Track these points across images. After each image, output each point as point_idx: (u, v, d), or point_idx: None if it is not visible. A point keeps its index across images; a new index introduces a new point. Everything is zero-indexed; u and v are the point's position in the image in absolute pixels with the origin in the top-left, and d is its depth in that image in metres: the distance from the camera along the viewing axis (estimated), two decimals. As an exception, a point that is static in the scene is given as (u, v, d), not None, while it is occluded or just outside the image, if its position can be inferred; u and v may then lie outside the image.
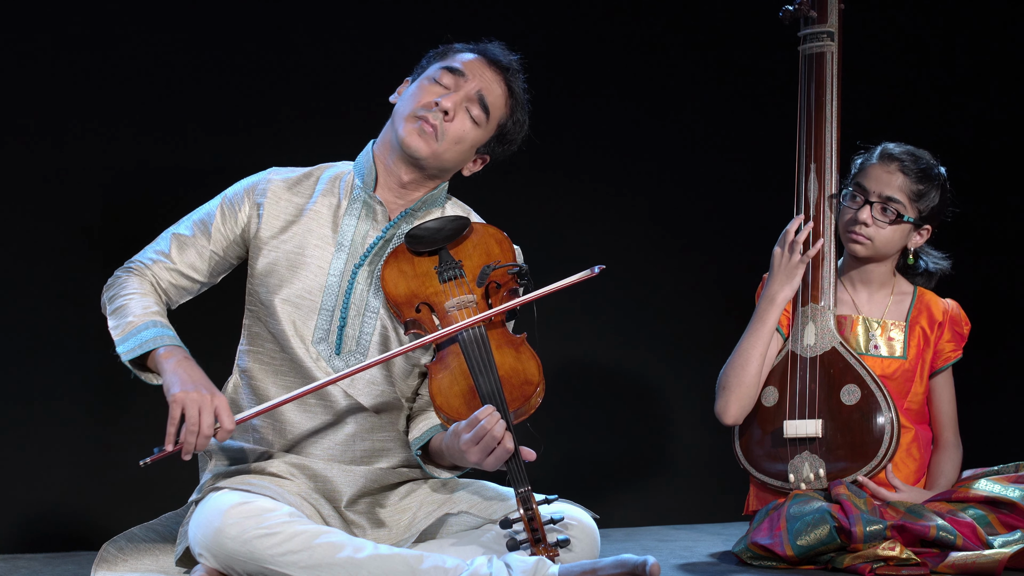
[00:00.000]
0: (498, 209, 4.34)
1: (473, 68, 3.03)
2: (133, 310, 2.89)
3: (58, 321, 3.84)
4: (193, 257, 3.00)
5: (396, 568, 2.67)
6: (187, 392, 2.74)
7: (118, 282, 2.97)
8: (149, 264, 2.99)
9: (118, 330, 2.88)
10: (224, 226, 3.00)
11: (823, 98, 3.52)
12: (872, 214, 3.45)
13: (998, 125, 4.88)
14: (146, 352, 2.85)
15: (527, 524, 2.72)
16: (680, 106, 4.63)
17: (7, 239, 3.82)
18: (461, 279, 2.95)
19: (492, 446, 2.75)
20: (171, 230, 3.03)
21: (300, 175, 3.07)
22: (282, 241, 2.98)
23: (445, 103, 2.97)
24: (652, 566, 2.66)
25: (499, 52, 3.08)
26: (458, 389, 2.84)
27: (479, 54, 3.06)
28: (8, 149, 3.82)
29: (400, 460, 3.00)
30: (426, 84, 3.02)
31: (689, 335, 4.59)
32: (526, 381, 2.83)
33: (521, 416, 2.82)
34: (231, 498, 2.75)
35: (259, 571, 2.68)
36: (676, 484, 4.56)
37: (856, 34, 3.71)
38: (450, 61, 3.04)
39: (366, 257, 2.98)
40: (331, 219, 3.01)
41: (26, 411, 3.80)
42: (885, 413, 3.37)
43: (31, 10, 3.83)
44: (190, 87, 3.98)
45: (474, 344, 2.86)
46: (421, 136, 2.98)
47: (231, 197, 3.03)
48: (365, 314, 2.97)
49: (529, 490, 2.72)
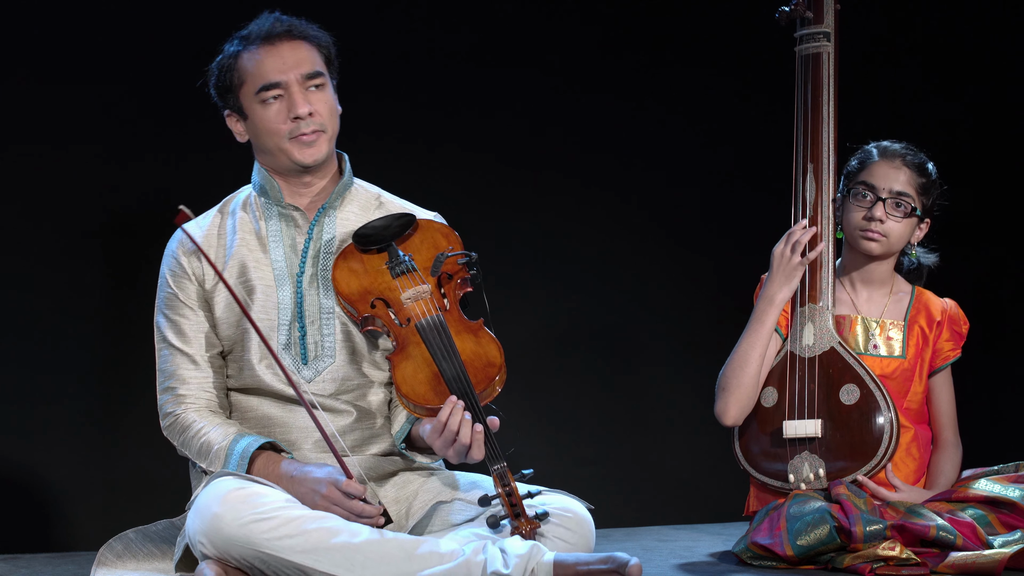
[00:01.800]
0: (498, 209, 4.35)
1: (276, 65, 2.98)
2: (215, 440, 2.92)
3: (58, 322, 3.85)
4: (200, 340, 2.99)
5: (392, 552, 2.69)
6: (315, 503, 2.79)
7: (179, 424, 2.97)
8: (187, 390, 2.98)
9: (215, 464, 2.91)
10: (190, 292, 3.00)
11: (820, 99, 3.52)
12: (887, 210, 3.46)
13: (997, 125, 4.87)
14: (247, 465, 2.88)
15: (506, 499, 2.76)
16: (678, 107, 4.63)
17: (8, 240, 3.83)
18: (413, 272, 2.97)
19: (464, 448, 2.79)
20: (160, 347, 3.01)
21: (209, 224, 3.06)
22: (224, 288, 2.97)
23: (300, 110, 2.96)
24: (632, 566, 2.68)
25: (273, 25, 3.00)
26: (422, 376, 2.87)
27: (266, 43, 2.98)
28: (10, 151, 3.83)
29: (390, 445, 3.03)
30: (263, 111, 2.99)
31: (688, 335, 4.59)
32: (489, 363, 2.88)
33: (487, 398, 2.86)
34: (229, 484, 2.77)
35: (255, 556, 2.69)
36: (676, 484, 4.56)
37: (852, 34, 3.71)
38: (255, 80, 2.97)
39: (304, 262, 3.00)
40: (257, 243, 3.02)
41: (26, 411, 3.80)
42: (884, 413, 3.37)
43: (32, 9, 3.84)
44: (191, 86, 3.99)
45: (434, 331, 2.89)
46: (310, 147, 2.99)
47: (173, 268, 3.01)
48: (322, 318, 2.99)
49: (505, 466, 2.78)
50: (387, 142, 4.17)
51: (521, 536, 2.75)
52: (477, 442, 2.80)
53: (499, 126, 4.43)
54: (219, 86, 3.03)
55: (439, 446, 2.82)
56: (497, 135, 4.43)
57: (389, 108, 4.21)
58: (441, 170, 4.27)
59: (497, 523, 2.77)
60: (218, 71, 3.02)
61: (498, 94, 4.43)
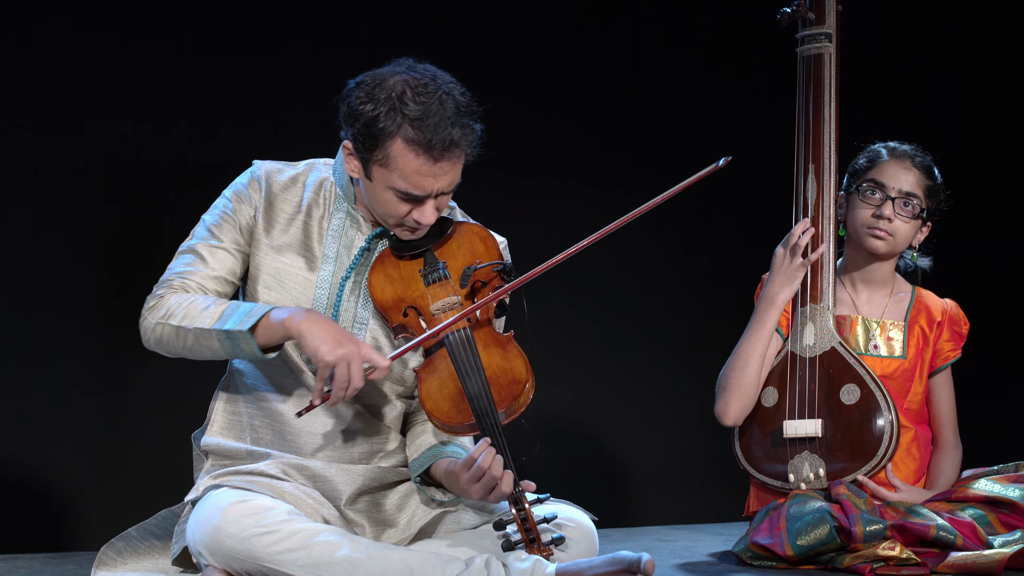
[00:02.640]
0: (497, 209, 4.35)
1: (428, 183, 2.80)
2: (205, 302, 2.80)
3: (59, 321, 3.84)
4: (226, 258, 2.90)
5: (394, 567, 2.67)
6: (336, 352, 2.70)
7: (163, 302, 2.84)
8: (188, 276, 2.87)
9: (206, 321, 2.77)
10: (244, 219, 2.92)
11: (821, 99, 3.52)
12: (895, 209, 3.46)
13: (998, 125, 4.88)
14: (256, 321, 2.75)
15: (520, 525, 2.72)
16: (679, 107, 4.63)
17: (8, 238, 3.82)
18: (446, 280, 2.91)
19: (492, 484, 2.73)
20: (190, 243, 2.91)
21: (288, 179, 2.98)
22: (272, 247, 2.93)
23: (425, 222, 2.85)
24: (647, 563, 2.66)
25: (444, 132, 2.78)
26: (447, 393, 2.82)
27: (428, 155, 2.77)
28: (12, 146, 3.83)
29: (399, 460, 3.00)
30: (389, 196, 2.83)
31: (689, 335, 4.59)
32: (514, 380, 2.81)
33: (513, 414, 2.81)
34: (229, 496, 2.74)
35: (258, 569, 2.68)
36: (676, 484, 4.56)
37: (854, 35, 3.71)
38: (400, 180, 2.80)
39: (353, 268, 2.94)
40: (316, 229, 2.96)
41: (26, 411, 3.80)
42: (885, 413, 3.37)
43: (32, 7, 3.84)
44: (191, 83, 3.99)
45: (460, 346, 2.83)
46: (412, 234, 2.91)
47: (239, 192, 2.93)
48: (355, 326, 2.94)
49: (521, 491, 2.72)
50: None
51: None
52: (506, 482, 2.73)
53: (498, 125, 4.42)
54: (356, 131, 2.81)
55: (466, 479, 2.75)
56: (496, 134, 4.43)
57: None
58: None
59: (512, 547, 2.71)
60: (362, 120, 2.79)
61: (498, 94, 4.42)
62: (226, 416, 2.97)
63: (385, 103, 2.77)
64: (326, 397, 2.75)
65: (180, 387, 3.73)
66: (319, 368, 2.72)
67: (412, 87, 2.79)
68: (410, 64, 2.85)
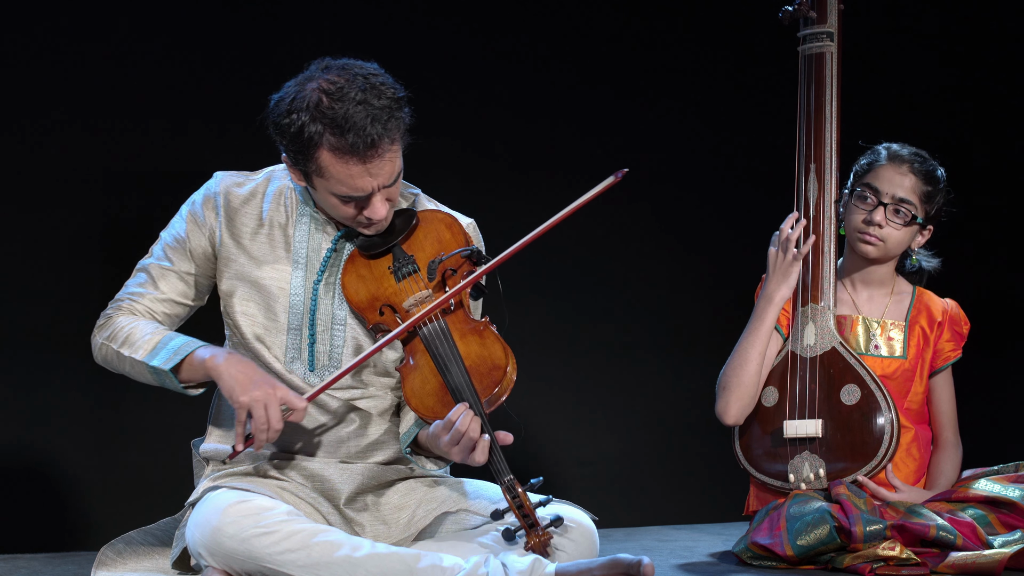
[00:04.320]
0: (497, 209, 4.35)
1: (366, 183, 2.79)
2: (144, 330, 2.87)
3: (59, 322, 3.84)
4: (176, 282, 2.95)
5: (394, 567, 2.68)
6: (250, 393, 2.75)
7: (111, 322, 2.92)
8: (136, 299, 2.94)
9: (139, 351, 2.84)
10: (195, 244, 2.95)
11: (822, 98, 3.52)
12: (887, 216, 3.46)
13: (998, 125, 4.88)
14: (180, 360, 2.82)
15: (517, 512, 2.73)
16: (680, 106, 4.63)
17: (9, 239, 3.82)
18: (416, 275, 2.92)
19: (470, 446, 2.76)
20: (146, 262, 2.97)
21: (248, 192, 2.98)
22: (240, 261, 2.94)
23: (376, 218, 2.84)
24: (646, 566, 2.66)
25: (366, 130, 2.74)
26: (430, 388, 2.84)
27: (357, 159, 2.76)
28: (9, 149, 3.83)
29: (394, 453, 3.00)
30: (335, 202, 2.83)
31: (689, 335, 4.59)
32: (494, 367, 2.81)
33: (497, 401, 2.81)
34: (229, 497, 2.75)
35: (258, 570, 2.68)
36: (676, 484, 4.56)
37: (856, 34, 3.71)
38: (338, 186, 2.79)
39: (323, 270, 2.94)
40: (282, 236, 2.96)
41: (26, 411, 3.80)
42: (885, 413, 3.37)
43: (32, 8, 3.84)
44: (191, 86, 3.99)
45: (436, 338, 2.85)
46: (372, 229, 2.91)
47: (194, 212, 2.96)
48: (333, 328, 2.94)
49: (512, 479, 2.74)
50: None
51: (536, 546, 2.72)
52: (482, 447, 2.76)
53: (498, 124, 4.43)
54: (286, 145, 2.82)
55: (446, 442, 2.78)
56: (496, 134, 4.43)
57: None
58: (437, 169, 4.26)
59: (512, 536, 2.73)
60: (288, 135, 2.79)
61: (498, 94, 4.43)
62: (222, 423, 2.99)
63: (304, 114, 2.76)
64: (250, 442, 2.78)
65: (180, 387, 3.73)
66: (236, 411, 2.77)
67: (327, 93, 2.76)
68: (326, 65, 2.83)
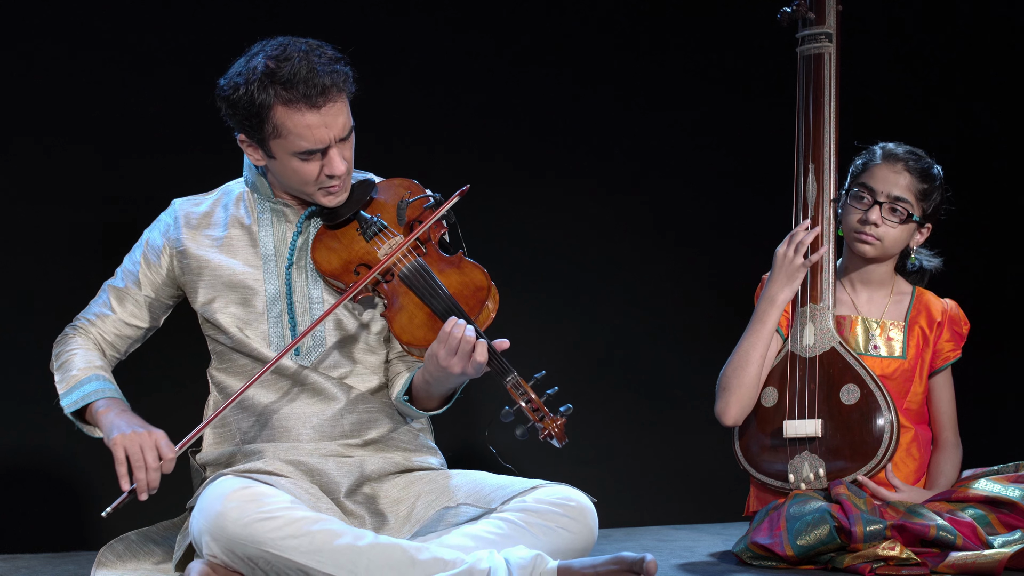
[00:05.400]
0: (499, 211, 4.35)
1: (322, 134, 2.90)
2: (77, 364, 3.02)
3: (59, 321, 3.84)
4: (131, 306, 3.10)
5: (395, 557, 2.70)
6: (124, 434, 2.85)
7: (65, 339, 3.09)
8: (93, 320, 3.10)
9: (62, 384, 3.01)
10: (151, 272, 3.08)
11: (821, 99, 3.52)
12: (882, 214, 3.45)
13: (998, 125, 4.87)
14: (87, 404, 2.96)
15: (526, 407, 2.83)
16: (680, 107, 4.63)
17: (9, 240, 3.82)
18: (385, 230, 3.01)
19: (468, 350, 2.82)
20: (109, 282, 3.12)
21: (207, 206, 3.12)
22: (212, 268, 3.04)
23: (338, 172, 2.94)
24: (649, 563, 2.68)
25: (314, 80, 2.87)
26: (418, 320, 2.93)
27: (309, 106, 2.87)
28: (12, 147, 3.83)
29: (389, 428, 3.05)
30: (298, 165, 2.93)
31: (689, 335, 4.59)
32: (477, 288, 2.93)
33: (487, 320, 2.92)
34: (232, 483, 2.78)
35: (260, 555, 2.69)
36: (676, 484, 4.56)
37: (854, 35, 3.71)
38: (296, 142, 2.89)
39: (292, 255, 3.03)
40: (247, 236, 3.06)
41: (26, 411, 3.80)
42: (885, 413, 3.37)
43: (32, 13, 3.84)
44: (189, 91, 3.99)
45: (416, 275, 2.95)
46: (337, 196, 3.00)
47: (151, 244, 3.10)
48: (311, 308, 3.02)
49: (517, 376, 2.84)
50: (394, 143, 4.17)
51: (555, 434, 2.81)
52: (481, 348, 2.83)
53: (500, 128, 4.43)
54: (240, 120, 2.93)
55: (444, 354, 2.83)
56: (497, 136, 4.43)
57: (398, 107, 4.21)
58: (436, 169, 4.26)
59: (526, 434, 2.82)
60: (240, 106, 2.90)
61: (498, 95, 4.43)
62: (214, 431, 3.05)
63: (253, 82, 2.88)
64: (134, 487, 2.83)
65: (181, 388, 3.73)
66: (113, 451, 2.85)
67: (272, 57, 2.89)
68: (262, 44, 2.95)
